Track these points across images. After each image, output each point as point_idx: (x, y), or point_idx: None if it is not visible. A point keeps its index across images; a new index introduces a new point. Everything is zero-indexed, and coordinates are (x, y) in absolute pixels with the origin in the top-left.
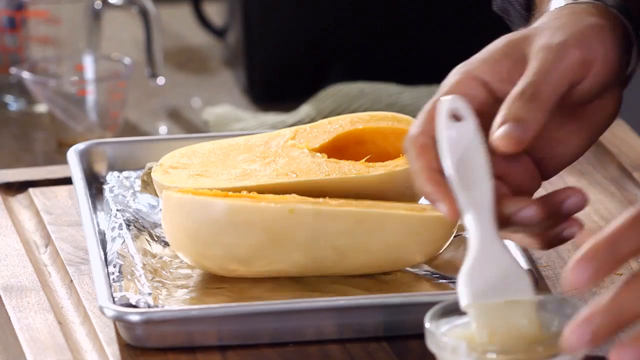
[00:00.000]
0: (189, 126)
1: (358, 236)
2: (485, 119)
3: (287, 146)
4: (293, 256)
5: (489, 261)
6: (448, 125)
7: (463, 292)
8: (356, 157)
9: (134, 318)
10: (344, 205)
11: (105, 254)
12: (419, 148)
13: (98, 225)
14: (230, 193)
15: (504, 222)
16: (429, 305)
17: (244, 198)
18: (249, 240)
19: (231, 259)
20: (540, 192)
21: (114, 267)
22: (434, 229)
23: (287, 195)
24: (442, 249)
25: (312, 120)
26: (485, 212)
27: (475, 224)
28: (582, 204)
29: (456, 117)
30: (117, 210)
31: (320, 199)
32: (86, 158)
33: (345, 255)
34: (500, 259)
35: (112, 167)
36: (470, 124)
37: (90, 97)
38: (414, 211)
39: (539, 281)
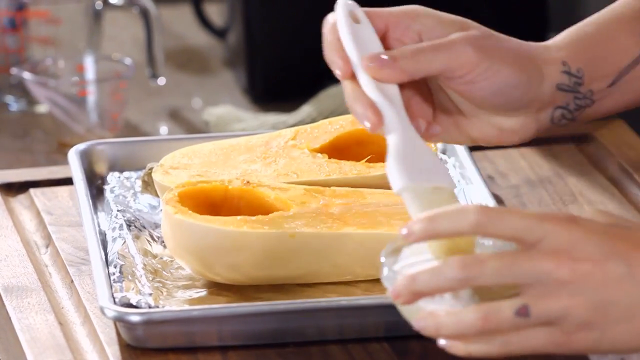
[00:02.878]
0: (190, 126)
1: (359, 255)
2: None
3: (287, 146)
4: (294, 272)
5: (414, 150)
6: (351, 25)
7: (395, 176)
8: (357, 158)
9: (135, 318)
10: (344, 220)
11: (106, 255)
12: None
13: (99, 226)
14: (230, 187)
15: None
16: None
17: (244, 222)
18: (251, 263)
19: (234, 274)
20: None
21: (115, 267)
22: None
23: (289, 186)
24: None
25: (313, 120)
26: (400, 107)
27: (395, 119)
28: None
29: (354, 20)
30: (118, 210)
31: (322, 201)
32: (87, 158)
33: (346, 270)
34: (422, 150)
35: (112, 168)
36: (368, 27)
37: (91, 97)
38: None
39: None
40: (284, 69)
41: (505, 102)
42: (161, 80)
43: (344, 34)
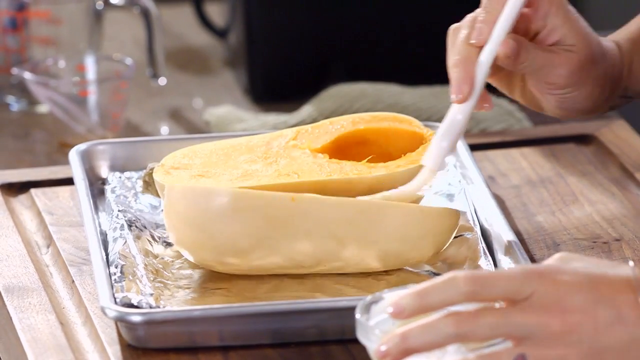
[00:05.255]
0: (191, 127)
1: (360, 225)
2: None
3: (288, 147)
4: (293, 246)
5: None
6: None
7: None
8: (358, 158)
9: (136, 318)
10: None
11: (107, 255)
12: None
13: (100, 226)
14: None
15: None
16: None
17: (245, 187)
18: (250, 228)
19: (230, 250)
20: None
21: (116, 267)
22: (436, 222)
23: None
24: (445, 246)
25: (314, 120)
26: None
27: (471, 105)
28: None
29: None
30: (119, 210)
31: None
32: (88, 158)
33: (347, 246)
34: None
35: (113, 168)
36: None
37: (92, 97)
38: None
39: None
40: (285, 69)
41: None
42: (162, 80)
43: (512, 8)
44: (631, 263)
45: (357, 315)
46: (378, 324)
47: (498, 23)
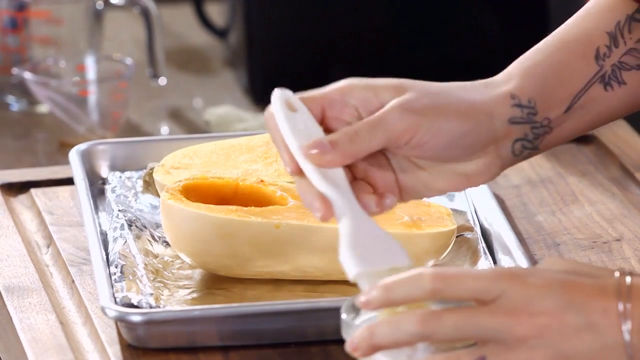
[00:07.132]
0: (191, 126)
1: None
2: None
3: None
4: (281, 267)
5: (366, 235)
6: (288, 114)
7: (349, 264)
8: None
9: (136, 318)
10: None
11: (107, 255)
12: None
13: (100, 226)
14: (241, 184)
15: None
16: None
17: (232, 211)
18: (236, 253)
19: (227, 261)
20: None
21: (116, 267)
22: (424, 245)
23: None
24: (442, 256)
25: None
26: (347, 192)
27: (344, 205)
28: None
29: (291, 108)
30: (119, 210)
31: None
32: (88, 158)
33: (335, 267)
34: (374, 232)
35: (113, 168)
36: (305, 114)
37: (92, 97)
38: (406, 227)
39: None
40: (285, 68)
41: (460, 152)
42: (162, 80)
43: (283, 127)
44: (617, 273)
45: (343, 315)
46: (364, 322)
47: (285, 138)
